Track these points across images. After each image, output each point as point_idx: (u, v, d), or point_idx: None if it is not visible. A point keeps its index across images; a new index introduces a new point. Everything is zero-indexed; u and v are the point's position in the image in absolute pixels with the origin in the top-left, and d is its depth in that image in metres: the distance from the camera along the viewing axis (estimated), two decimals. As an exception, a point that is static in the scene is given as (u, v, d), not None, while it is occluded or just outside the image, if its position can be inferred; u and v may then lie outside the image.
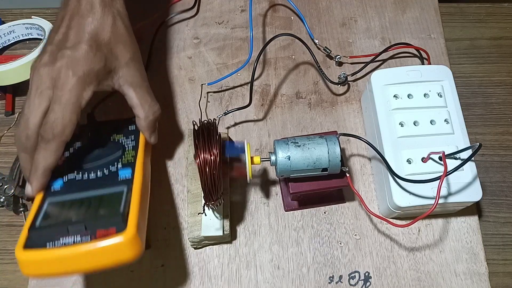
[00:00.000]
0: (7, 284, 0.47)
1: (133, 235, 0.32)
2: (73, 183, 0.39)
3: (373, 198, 0.49)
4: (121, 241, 0.32)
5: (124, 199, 0.35)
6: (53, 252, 0.32)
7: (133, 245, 0.32)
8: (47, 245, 0.32)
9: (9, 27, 0.57)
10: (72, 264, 0.32)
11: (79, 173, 0.40)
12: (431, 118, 0.46)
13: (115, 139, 0.44)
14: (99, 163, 0.40)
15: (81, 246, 0.32)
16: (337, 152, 0.40)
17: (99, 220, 0.33)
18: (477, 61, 0.58)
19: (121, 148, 0.42)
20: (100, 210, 0.35)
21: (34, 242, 0.33)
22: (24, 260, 0.32)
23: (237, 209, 0.48)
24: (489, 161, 0.52)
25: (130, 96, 0.41)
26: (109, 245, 0.32)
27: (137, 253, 0.33)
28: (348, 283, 0.45)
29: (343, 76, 0.54)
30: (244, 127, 0.53)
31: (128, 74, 0.41)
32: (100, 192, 0.37)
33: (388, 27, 0.59)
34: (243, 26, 0.59)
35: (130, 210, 0.34)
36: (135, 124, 0.45)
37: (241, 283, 0.45)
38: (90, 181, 0.39)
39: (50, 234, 0.33)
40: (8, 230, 0.49)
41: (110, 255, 0.32)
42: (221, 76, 0.54)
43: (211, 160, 0.37)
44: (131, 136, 0.44)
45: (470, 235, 0.47)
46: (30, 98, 0.37)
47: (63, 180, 0.39)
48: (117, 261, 0.32)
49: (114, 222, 0.33)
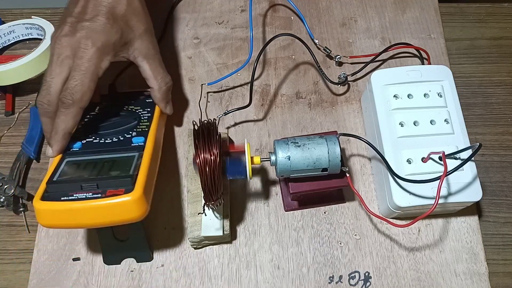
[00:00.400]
0: (7, 284, 0.47)
1: (140, 196, 0.35)
2: (90, 146, 0.42)
3: (373, 198, 0.49)
4: (128, 200, 0.35)
5: (134, 164, 0.39)
6: (66, 205, 0.35)
7: (139, 205, 0.36)
8: (61, 198, 0.36)
9: (9, 27, 0.57)
10: (82, 218, 0.36)
11: (97, 138, 0.43)
12: (431, 118, 0.46)
13: (133, 109, 0.48)
14: (116, 130, 0.44)
15: (92, 202, 0.35)
16: (337, 152, 0.40)
17: (110, 181, 0.37)
18: (477, 61, 0.58)
19: (137, 118, 0.46)
20: (112, 171, 0.38)
21: (50, 195, 0.37)
22: (41, 210, 0.36)
23: (237, 209, 0.48)
24: (489, 161, 0.52)
25: (144, 68, 0.45)
26: (117, 203, 0.35)
27: (142, 213, 0.36)
28: (348, 283, 0.45)
29: (343, 76, 0.54)
30: (244, 127, 0.53)
31: (142, 46, 0.44)
32: (114, 156, 0.40)
33: (388, 27, 0.59)
34: (243, 26, 0.59)
35: (139, 173, 0.37)
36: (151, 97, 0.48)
37: (241, 283, 0.45)
38: (106, 144, 0.42)
39: (65, 189, 0.37)
40: (8, 230, 0.49)
41: (117, 212, 0.35)
42: (221, 76, 0.54)
43: (211, 160, 0.37)
44: (148, 108, 0.47)
45: (470, 235, 0.47)
46: (51, 66, 0.40)
47: (81, 142, 0.43)
48: (123, 218, 0.36)
49: (124, 183, 0.36)
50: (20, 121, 0.55)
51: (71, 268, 0.46)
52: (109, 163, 0.39)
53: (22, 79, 0.52)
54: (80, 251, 0.47)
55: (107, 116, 0.46)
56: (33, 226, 0.49)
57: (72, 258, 0.46)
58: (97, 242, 0.47)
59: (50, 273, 0.46)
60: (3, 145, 0.53)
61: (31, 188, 0.51)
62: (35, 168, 0.52)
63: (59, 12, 0.61)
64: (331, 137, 0.41)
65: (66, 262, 0.46)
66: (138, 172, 0.38)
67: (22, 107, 0.55)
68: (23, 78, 0.52)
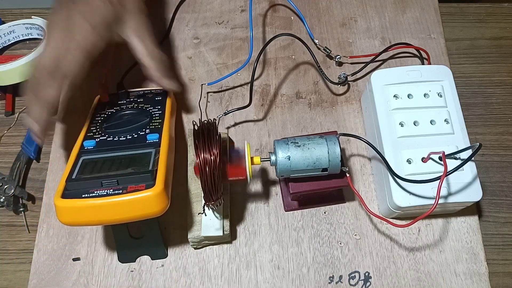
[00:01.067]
0: (7, 284, 0.47)
1: (161, 191, 0.36)
2: (105, 144, 0.42)
3: (373, 198, 0.49)
4: (150, 195, 0.36)
5: (152, 159, 0.39)
6: (88, 201, 0.36)
7: (160, 200, 0.36)
8: (82, 195, 0.36)
9: (9, 27, 0.57)
10: (104, 214, 0.36)
11: (110, 136, 0.43)
12: (431, 118, 0.46)
13: (143, 107, 0.48)
14: (129, 128, 0.44)
15: (114, 198, 0.36)
16: (337, 152, 0.40)
17: (130, 177, 0.37)
18: (477, 61, 0.58)
19: (149, 115, 0.46)
20: (130, 168, 0.38)
21: (71, 192, 0.37)
22: (62, 208, 0.36)
23: (237, 209, 0.48)
24: (489, 161, 0.52)
25: (136, 46, 0.44)
26: (139, 199, 0.36)
27: (163, 207, 0.37)
28: (348, 283, 0.45)
29: (343, 76, 0.54)
30: (244, 127, 0.53)
31: (135, 25, 0.44)
32: (131, 153, 0.41)
33: (388, 27, 0.59)
34: (243, 26, 0.59)
35: (158, 169, 0.38)
36: (161, 95, 0.49)
37: (241, 283, 0.45)
38: (120, 142, 0.42)
39: (86, 186, 0.37)
40: (8, 230, 0.49)
41: (139, 207, 0.36)
42: (221, 76, 0.54)
43: (211, 160, 0.37)
44: (158, 105, 0.48)
45: (470, 235, 0.47)
46: (46, 42, 0.40)
47: (95, 140, 0.43)
48: (145, 213, 0.36)
49: (144, 179, 0.37)
50: (20, 121, 0.55)
51: (71, 268, 0.46)
52: (127, 160, 0.40)
53: (22, 79, 0.52)
54: (80, 251, 0.47)
55: (119, 115, 0.47)
56: (33, 226, 0.49)
57: (72, 258, 0.46)
58: (97, 242, 0.47)
59: (50, 273, 0.46)
60: (3, 145, 0.53)
61: (31, 188, 0.51)
62: (35, 168, 0.52)
63: (59, 12, 0.61)
64: (331, 137, 0.41)
65: (66, 262, 0.46)
66: (157, 168, 0.38)
67: (22, 107, 0.55)
68: (23, 78, 0.52)
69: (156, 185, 0.36)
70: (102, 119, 0.46)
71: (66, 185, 0.37)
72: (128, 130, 0.44)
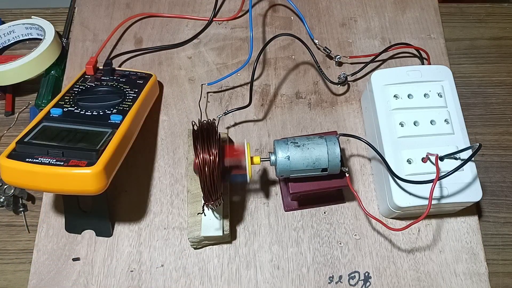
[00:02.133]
0: (7, 284, 0.47)
1: (100, 171, 0.37)
2: (70, 115, 0.43)
3: (373, 198, 0.49)
4: (88, 173, 0.37)
5: (104, 139, 0.40)
6: (28, 166, 0.37)
7: (98, 180, 0.37)
8: (26, 159, 0.38)
9: (9, 27, 0.57)
10: (41, 182, 0.37)
11: (78, 108, 0.44)
12: (431, 118, 0.46)
13: (122, 87, 0.48)
14: (98, 104, 0.45)
15: (52, 168, 0.37)
16: (336, 153, 0.40)
17: (76, 151, 0.38)
18: (477, 61, 0.58)
19: (123, 96, 0.47)
20: (80, 143, 0.40)
21: (17, 154, 0.38)
22: (4, 167, 0.38)
23: (237, 209, 0.48)
24: (489, 161, 0.52)
25: None
26: (77, 174, 0.37)
27: (99, 187, 0.37)
28: (348, 283, 0.45)
29: (343, 76, 0.54)
30: (244, 127, 0.53)
31: None
32: (88, 128, 0.42)
33: (388, 27, 0.59)
34: (243, 26, 0.59)
35: (105, 150, 0.39)
36: (144, 79, 0.50)
37: (241, 283, 0.45)
38: (85, 116, 0.43)
39: (32, 151, 0.38)
40: (8, 230, 0.49)
41: (75, 183, 0.37)
42: (221, 76, 0.54)
43: (211, 160, 0.37)
44: (136, 89, 0.48)
45: (470, 235, 0.47)
46: None
47: (63, 110, 0.44)
48: (80, 190, 0.37)
49: (88, 156, 0.38)
50: (20, 121, 0.55)
51: (71, 268, 0.46)
52: (81, 135, 0.41)
53: (22, 79, 0.52)
54: (80, 251, 0.47)
55: (95, 90, 0.48)
56: (33, 226, 0.49)
57: (72, 258, 0.46)
58: (97, 242, 0.47)
59: (50, 273, 0.46)
60: (3, 145, 0.53)
61: (31, 188, 0.51)
62: (35, 168, 0.52)
63: (59, 12, 0.61)
64: (330, 137, 0.41)
65: (66, 262, 0.46)
66: (105, 148, 0.39)
67: (22, 107, 0.55)
68: (23, 78, 0.52)
69: (96, 165, 0.37)
70: (79, 90, 0.47)
71: (15, 147, 0.39)
72: (97, 106, 0.45)
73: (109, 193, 0.49)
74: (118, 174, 0.50)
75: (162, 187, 0.50)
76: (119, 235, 0.47)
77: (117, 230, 0.48)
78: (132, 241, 0.47)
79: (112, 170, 0.40)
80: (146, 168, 0.50)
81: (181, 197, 0.49)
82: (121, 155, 0.42)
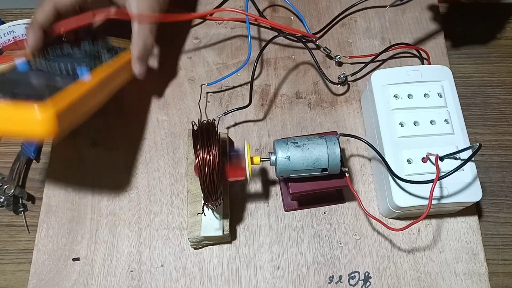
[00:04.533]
0: (7, 284, 0.47)
1: (48, 112, 0.33)
2: (41, 66, 0.42)
3: (373, 198, 0.49)
4: (34, 110, 0.33)
5: (63, 88, 0.37)
6: None
7: (45, 121, 0.33)
8: None
9: (9, 27, 0.57)
10: None
11: (51, 60, 0.43)
12: (431, 118, 0.46)
13: (99, 50, 0.48)
14: (72, 59, 0.44)
15: None
16: (336, 153, 0.40)
17: (30, 91, 0.35)
18: (477, 61, 0.58)
19: (97, 57, 0.46)
20: (39, 87, 0.37)
21: None
22: None
23: (237, 209, 0.48)
24: (489, 161, 0.52)
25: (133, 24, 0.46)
26: (22, 110, 0.33)
27: (45, 132, 0.33)
28: (348, 283, 0.45)
29: (343, 76, 0.54)
30: (244, 127, 0.53)
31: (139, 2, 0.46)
32: (53, 77, 0.39)
33: (388, 27, 0.59)
34: (243, 26, 0.59)
35: (62, 97, 0.35)
36: (124, 49, 0.49)
37: (241, 283, 0.45)
38: (55, 68, 0.41)
39: None
40: (8, 230, 0.49)
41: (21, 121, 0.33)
42: (221, 76, 0.54)
43: (210, 160, 0.37)
44: (113, 53, 0.48)
45: (470, 235, 0.47)
46: None
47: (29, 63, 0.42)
48: (24, 131, 0.34)
49: (39, 96, 0.34)
50: (20, 121, 0.55)
51: (71, 268, 0.46)
52: (44, 81, 0.38)
53: (21, 79, 0.52)
54: (80, 251, 0.47)
55: (76, 47, 0.47)
56: (33, 226, 0.49)
57: (72, 258, 0.46)
58: (97, 242, 0.47)
59: (50, 273, 0.46)
60: (3, 145, 0.53)
61: (30, 188, 0.51)
62: (35, 168, 0.52)
63: (59, 12, 0.61)
64: (330, 137, 0.41)
65: (66, 262, 0.46)
66: (61, 95, 0.35)
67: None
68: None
69: (45, 107, 0.33)
70: (59, 46, 0.46)
71: None
72: (70, 61, 0.43)
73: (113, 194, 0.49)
74: (118, 174, 0.50)
75: (162, 187, 0.50)
76: (119, 235, 0.47)
77: (117, 230, 0.48)
78: (132, 241, 0.47)
79: (65, 121, 0.35)
80: (146, 168, 0.50)
81: (181, 197, 0.49)
82: (79, 108, 0.38)
